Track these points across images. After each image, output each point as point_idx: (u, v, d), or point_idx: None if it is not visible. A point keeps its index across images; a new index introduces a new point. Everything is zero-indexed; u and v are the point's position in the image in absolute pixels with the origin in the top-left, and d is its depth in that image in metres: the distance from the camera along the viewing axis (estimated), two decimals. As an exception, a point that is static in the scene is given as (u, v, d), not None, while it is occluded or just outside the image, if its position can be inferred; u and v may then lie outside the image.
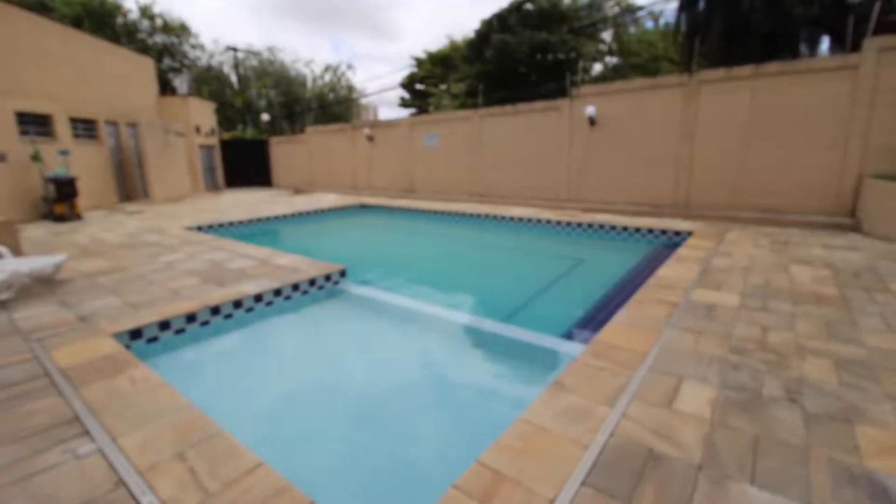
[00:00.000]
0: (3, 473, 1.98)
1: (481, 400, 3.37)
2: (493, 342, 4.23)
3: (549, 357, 3.89)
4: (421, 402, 3.37)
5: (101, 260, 5.98)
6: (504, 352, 4.11)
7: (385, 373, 3.81)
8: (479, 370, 3.87)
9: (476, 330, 4.49)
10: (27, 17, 10.54)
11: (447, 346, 4.33)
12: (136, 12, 25.52)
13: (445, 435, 2.93)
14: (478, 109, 12.68)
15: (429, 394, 3.49)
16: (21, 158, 9.79)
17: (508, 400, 3.36)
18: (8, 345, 3.31)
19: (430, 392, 3.51)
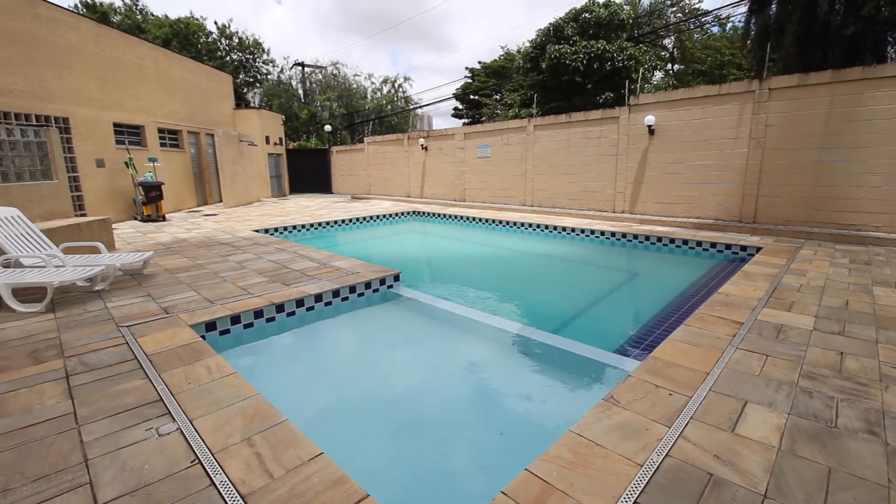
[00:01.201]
0: (98, 445, 2.24)
1: (528, 409, 3.36)
2: (543, 352, 4.19)
3: (599, 371, 3.80)
4: (467, 406, 3.41)
5: (181, 257, 6.55)
6: (553, 362, 4.06)
7: (434, 376, 3.89)
8: (527, 379, 3.85)
9: (525, 339, 4.47)
10: (127, 40, 11.83)
11: (496, 353, 4.35)
12: (216, 32, 27.79)
13: (491, 441, 2.95)
14: (531, 119, 12.63)
15: (475, 399, 3.52)
16: (117, 164, 10.96)
17: (556, 411, 3.32)
18: (104, 330, 3.73)
19: (476, 397, 3.54)
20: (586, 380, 3.80)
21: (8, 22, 8.54)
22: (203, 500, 1.86)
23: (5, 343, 3.49)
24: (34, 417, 2.47)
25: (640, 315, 5.40)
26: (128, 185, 11.22)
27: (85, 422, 2.42)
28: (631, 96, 10.61)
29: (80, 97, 10.07)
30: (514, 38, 58.50)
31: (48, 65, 9.33)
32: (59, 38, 9.62)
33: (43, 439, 2.27)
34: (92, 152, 10.31)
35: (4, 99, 8.39)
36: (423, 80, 64.26)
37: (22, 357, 3.24)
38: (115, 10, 26.26)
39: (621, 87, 14.91)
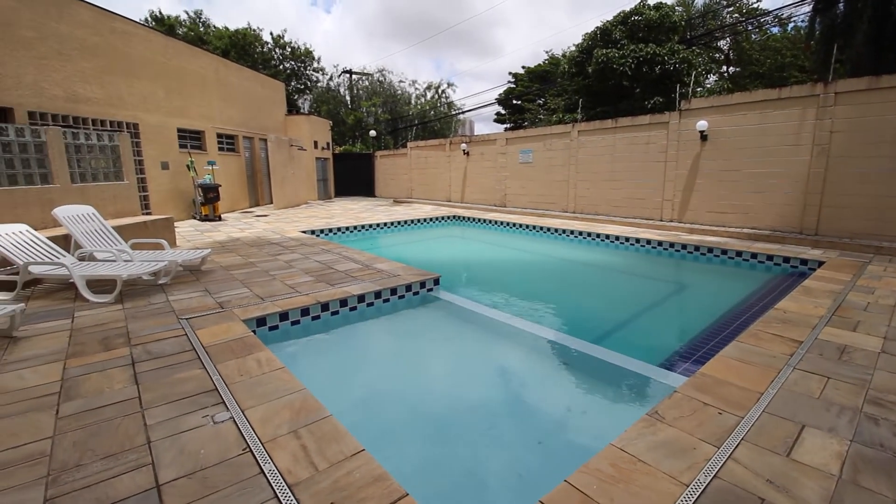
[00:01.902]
0: (160, 428, 2.41)
1: (567, 419, 3.30)
2: (584, 362, 4.12)
3: (642, 385, 3.70)
4: (505, 412, 3.40)
5: (235, 255, 6.92)
6: (594, 373, 3.98)
7: (472, 381, 3.91)
8: (567, 389, 3.79)
9: (565, 348, 4.41)
10: (191, 51, 12.66)
11: (535, 360, 4.31)
12: (271, 42, 29.17)
13: (529, 449, 2.93)
14: (575, 124, 12.43)
15: (513, 405, 3.50)
16: (179, 167, 11.73)
17: (595, 423, 3.25)
18: (166, 321, 4.00)
19: (514, 404, 3.53)
20: (628, 393, 3.70)
21: (89, 36, 9.35)
22: (253, 487, 1.96)
23: (80, 330, 3.82)
24: (104, 400, 2.69)
25: (687, 329, 5.19)
26: (188, 187, 11.98)
27: (148, 406, 2.61)
28: (682, 101, 10.23)
29: (148, 104, 10.86)
30: (559, 43, 57.85)
31: (121, 75, 10.14)
32: (132, 49, 10.43)
33: (111, 420, 2.48)
34: (158, 155, 11.09)
35: (84, 106, 9.19)
36: (465, 85, 64.69)
37: (94, 344, 3.53)
38: (181, 23, 28.14)
39: (672, 92, 14.40)
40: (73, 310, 4.34)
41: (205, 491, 1.93)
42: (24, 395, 2.75)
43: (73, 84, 8.94)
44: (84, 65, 9.18)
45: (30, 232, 4.99)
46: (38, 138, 5.87)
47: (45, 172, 5.98)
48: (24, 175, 5.75)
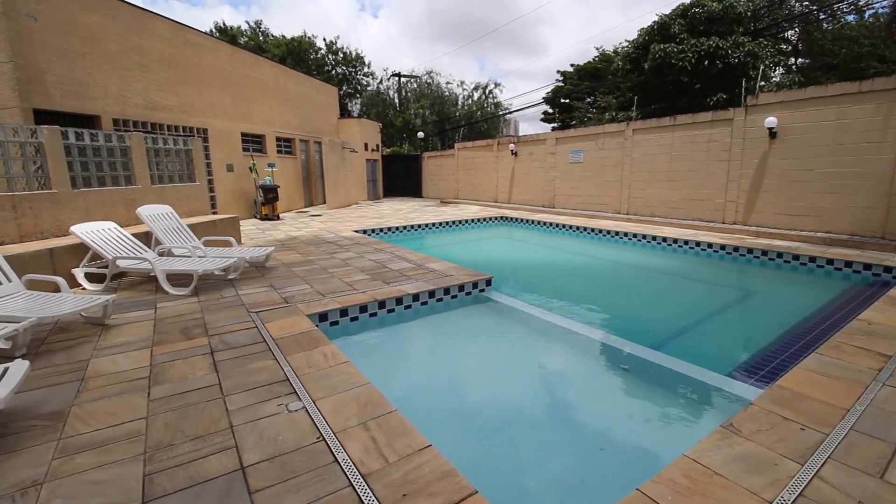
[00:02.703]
0: (240, 414, 2.58)
1: (629, 427, 3.21)
2: (644, 369, 3.99)
3: (708, 394, 3.53)
4: (563, 416, 3.35)
5: (294, 253, 7.25)
6: (656, 381, 3.85)
7: (527, 383, 3.88)
8: (628, 395, 3.68)
9: (624, 353, 4.28)
10: (254, 59, 13.37)
11: (591, 364, 4.22)
12: (325, 48, 30.23)
13: (590, 455, 2.88)
14: (630, 122, 12.02)
15: (571, 410, 3.45)
16: (242, 169, 12.43)
17: (660, 432, 3.14)
18: (237, 314, 4.26)
19: (572, 408, 3.47)
20: (694, 402, 3.55)
21: (165, 48, 10.10)
22: (329, 474, 2.06)
23: (163, 320, 4.15)
24: (189, 385, 2.90)
25: (756, 338, 4.90)
26: (250, 188, 12.66)
27: (228, 393, 2.80)
28: (748, 96, 9.65)
29: (216, 111, 11.58)
30: (610, 40, 56.01)
31: (193, 83, 10.87)
32: (202, 60, 11.16)
33: (196, 405, 2.67)
34: (224, 158, 11.81)
35: (160, 113, 9.93)
36: (510, 84, 64.17)
37: (176, 333, 3.82)
38: (242, 33, 29.76)
39: (735, 87, 13.61)
40: (155, 301, 4.71)
41: (285, 475, 2.05)
42: (119, 378, 3.02)
43: (151, 93, 9.69)
44: (161, 75, 9.93)
45: (117, 229, 5.46)
46: (123, 143, 6.42)
47: (129, 174, 6.53)
48: (110, 177, 6.31)
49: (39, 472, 2.09)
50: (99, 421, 2.50)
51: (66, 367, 3.19)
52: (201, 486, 1.98)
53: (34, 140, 5.34)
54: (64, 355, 3.39)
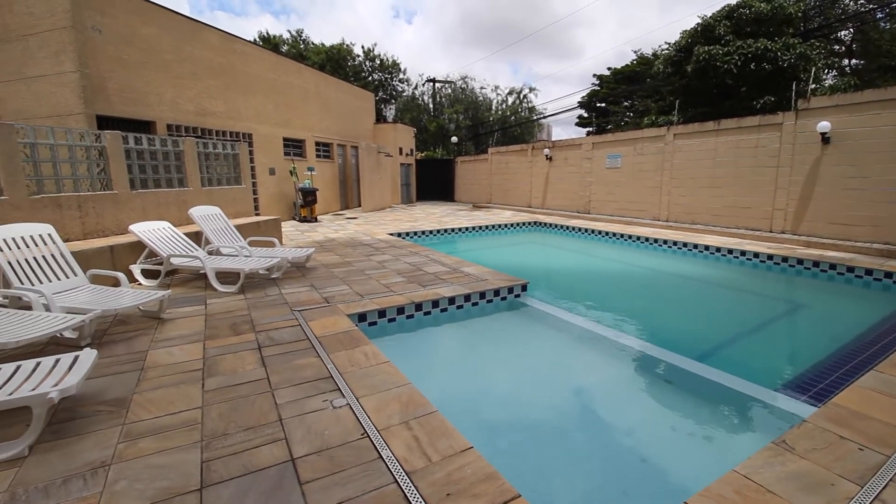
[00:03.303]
0: (289, 408, 2.68)
1: (672, 439, 3.13)
2: (686, 380, 3.87)
3: (758, 409, 3.40)
4: (601, 426, 3.30)
5: (332, 255, 7.45)
6: (699, 393, 3.73)
7: (564, 391, 3.85)
8: (670, 407, 3.59)
9: (664, 363, 4.17)
10: (296, 67, 13.85)
11: (631, 374, 4.13)
12: (362, 55, 30.92)
13: (631, 466, 2.82)
14: (671, 127, 11.71)
15: (610, 419, 3.39)
16: (283, 173, 12.87)
17: (705, 446, 3.04)
18: (281, 312, 4.42)
19: (611, 418, 3.41)
20: (741, 417, 3.42)
21: (215, 57, 10.61)
22: (374, 470, 2.11)
23: (213, 315, 4.35)
24: (239, 378, 3.04)
25: (807, 354, 4.67)
26: (290, 190, 13.10)
27: (276, 387, 2.91)
28: (799, 100, 9.23)
29: (260, 117, 12.06)
30: (646, 42, 54.71)
31: (240, 90, 11.36)
32: (249, 68, 11.65)
33: (247, 397, 2.79)
34: (266, 162, 12.26)
35: (209, 119, 10.43)
36: (543, 88, 63.78)
37: (225, 328, 4.00)
38: (284, 41, 30.84)
39: (784, 90, 13.02)
40: (205, 297, 4.95)
41: (333, 469, 2.12)
42: (175, 369, 3.20)
43: (201, 100, 10.19)
44: (210, 83, 10.43)
45: (171, 228, 5.77)
46: (177, 147, 6.79)
47: (182, 177, 6.89)
48: (165, 179, 6.68)
49: (107, 454, 2.25)
50: (159, 409, 2.65)
51: (127, 357, 3.40)
52: (255, 475, 2.07)
53: (98, 144, 5.73)
54: (124, 346, 3.61)
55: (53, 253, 4.27)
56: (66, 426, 2.50)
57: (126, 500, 1.91)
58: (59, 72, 7.67)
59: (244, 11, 60.72)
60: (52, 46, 7.65)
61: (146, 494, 1.95)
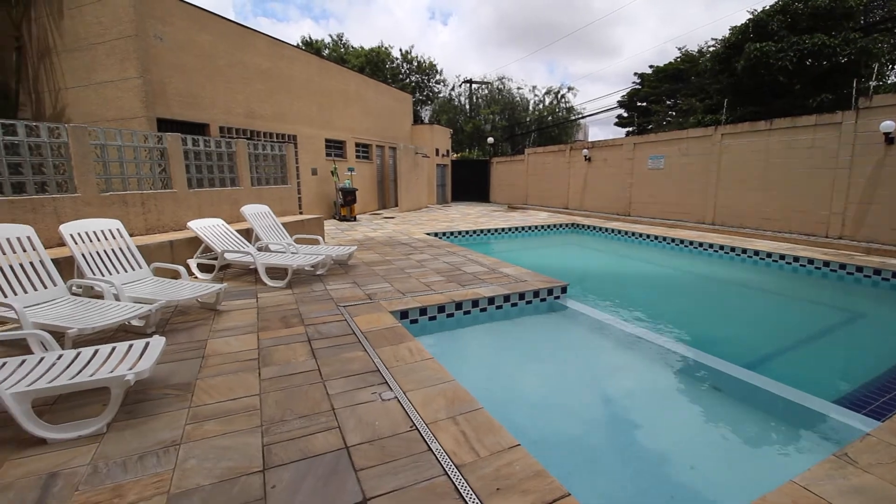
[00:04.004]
0: (340, 398, 2.79)
1: (721, 446, 3.05)
2: (737, 388, 3.75)
3: (812, 421, 3.26)
4: (646, 431, 3.24)
5: (372, 253, 7.62)
6: (750, 401, 3.61)
7: (607, 394, 3.80)
8: (718, 414, 3.49)
9: (712, 370, 4.05)
10: (339, 70, 14.24)
11: (677, 380, 4.04)
12: (400, 58, 31.35)
13: (679, 472, 2.77)
14: (718, 126, 11.27)
15: (655, 424, 3.33)
16: (324, 173, 13.25)
17: (759, 456, 2.95)
18: (327, 307, 4.58)
19: (656, 423, 3.35)
20: (795, 428, 3.29)
21: (263, 62, 11.06)
22: (424, 462, 2.18)
23: (264, 308, 4.56)
24: (292, 369, 3.19)
25: (869, 365, 4.41)
26: (331, 190, 13.48)
27: (327, 378, 3.03)
28: (860, 97, 8.70)
29: (304, 119, 12.47)
30: (689, 40, 52.65)
31: (286, 94, 11.79)
32: (294, 72, 12.08)
33: (301, 387, 2.93)
34: (309, 163, 12.68)
35: (258, 122, 10.89)
36: (580, 88, 62.59)
37: (276, 321, 4.19)
38: (325, 45, 31.70)
39: (843, 88, 12.29)
40: (256, 291, 5.19)
41: (385, 458, 2.20)
42: (233, 357, 3.39)
43: (251, 103, 10.65)
44: (259, 87, 10.89)
45: (224, 225, 6.08)
46: (230, 149, 7.14)
47: (234, 177, 7.24)
48: (218, 178, 7.03)
49: (176, 434, 2.42)
50: (220, 394, 2.82)
51: (188, 345, 3.63)
52: (312, 460, 2.18)
53: (160, 146, 6.11)
54: (186, 335, 3.85)
55: (121, 246, 4.60)
56: (138, 407, 2.70)
57: (196, 478, 2.06)
58: (124, 77, 8.22)
59: (286, 17, 62.95)
60: (119, 54, 8.21)
61: (214, 473, 2.09)
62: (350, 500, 1.92)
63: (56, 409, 2.68)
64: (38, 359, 2.74)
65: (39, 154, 4.91)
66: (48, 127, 4.94)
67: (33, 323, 3.28)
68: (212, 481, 2.03)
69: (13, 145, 4.65)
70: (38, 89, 9.29)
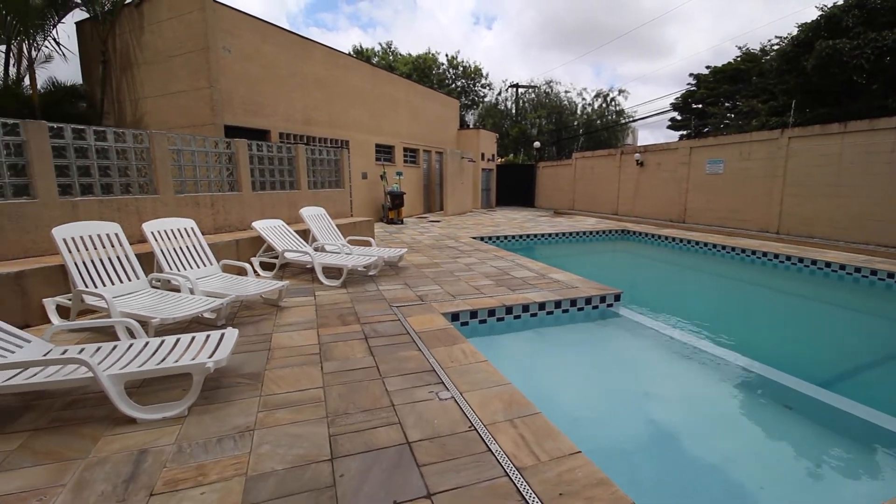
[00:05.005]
0: (399, 395, 2.86)
1: (795, 469, 2.87)
2: (807, 407, 3.52)
3: (893, 444, 3.00)
4: (706, 446, 3.11)
5: (421, 255, 7.75)
6: (824, 422, 3.38)
7: (666, 408, 3.67)
8: (791, 434, 3.28)
9: (780, 386, 3.82)
10: (390, 78, 14.61)
11: (741, 395, 3.84)
12: (446, 63, 31.70)
13: (749, 493, 2.63)
14: (785, 129, 10.61)
15: (717, 441, 3.18)
16: (373, 177, 13.62)
17: (832, 479, 2.75)
18: (381, 307, 4.71)
19: (721, 440, 3.20)
20: (874, 453, 3.04)
21: (320, 71, 11.53)
22: (484, 462, 2.20)
23: (322, 306, 4.75)
24: (352, 364, 3.31)
25: (966, 391, 4.02)
26: (379, 194, 13.83)
27: (385, 375, 3.12)
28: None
29: (356, 125, 12.89)
30: (751, 38, 49.79)
31: (340, 101, 12.24)
32: (349, 80, 12.51)
33: (361, 382, 3.03)
34: (360, 167, 13.06)
35: (314, 128, 11.36)
36: (629, 90, 60.64)
37: (333, 318, 4.35)
38: (375, 53, 32.58)
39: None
40: (313, 289, 5.42)
41: (445, 456, 2.24)
42: (297, 351, 3.55)
43: (308, 110, 11.14)
44: (316, 94, 11.36)
45: (284, 226, 6.39)
46: (290, 154, 7.50)
47: (293, 180, 7.60)
48: (279, 182, 7.40)
49: (250, 420, 2.57)
50: (288, 385, 2.98)
51: (256, 338, 3.84)
52: (377, 453, 2.26)
53: (229, 151, 6.51)
54: (252, 328, 4.08)
55: (195, 244, 4.94)
56: (214, 393, 2.89)
57: (270, 462, 2.19)
58: (196, 87, 8.83)
59: (335, 27, 65.36)
60: (191, 66, 8.83)
61: (286, 459, 2.21)
62: (414, 493, 1.98)
63: (142, 391, 2.91)
64: (127, 345, 3.01)
65: (125, 158, 5.37)
66: (133, 133, 5.40)
67: (121, 312, 3.60)
68: (284, 466, 2.15)
69: (103, 150, 5.11)
70: (120, 99, 10.16)
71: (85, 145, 4.93)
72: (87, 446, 2.32)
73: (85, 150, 4.95)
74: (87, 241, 4.07)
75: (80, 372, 2.58)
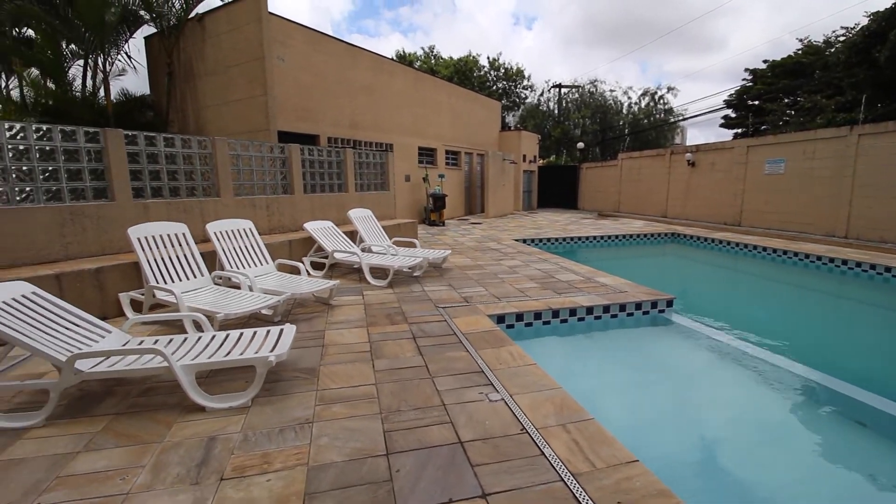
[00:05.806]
0: (449, 395, 2.89)
1: (869, 489, 2.67)
2: (884, 423, 3.26)
3: None
4: (770, 461, 2.94)
5: (464, 257, 7.78)
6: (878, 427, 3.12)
7: (724, 416, 3.51)
8: (862, 451, 3.05)
9: (852, 401, 3.55)
10: (433, 82, 14.80)
11: (808, 409, 3.61)
12: (487, 66, 31.65)
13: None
14: (854, 126, 9.86)
15: (782, 456, 3.00)
16: (416, 179, 13.81)
17: (877, 480, 2.54)
18: (427, 307, 4.77)
19: (783, 455, 3.02)
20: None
21: (366, 77, 11.83)
22: (538, 465, 2.19)
23: (370, 305, 4.87)
24: (402, 363, 3.37)
25: None
26: (422, 196, 14.00)
27: (435, 375, 3.17)
28: None
29: (400, 128, 13.13)
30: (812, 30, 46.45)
31: (384, 105, 12.50)
32: (393, 85, 12.77)
33: (411, 380, 3.09)
34: (403, 169, 13.29)
35: (360, 132, 11.67)
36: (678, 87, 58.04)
37: (381, 317, 4.46)
38: (417, 58, 33.02)
39: None
40: (361, 289, 5.57)
41: (498, 457, 2.25)
42: (349, 348, 3.67)
43: (355, 115, 11.46)
44: (362, 99, 11.67)
45: (333, 227, 6.61)
46: (338, 157, 7.74)
47: (341, 183, 7.85)
48: (328, 185, 7.66)
49: (308, 413, 2.68)
50: (342, 381, 3.08)
51: (310, 334, 4.00)
52: (430, 450, 2.30)
53: (283, 155, 6.81)
54: (306, 325, 4.24)
55: (253, 244, 5.20)
56: (274, 386, 3.03)
57: (329, 454, 2.27)
58: (252, 95, 9.29)
59: (377, 33, 66.86)
60: (248, 75, 9.30)
61: (344, 451, 2.29)
62: (469, 492, 2.00)
63: (208, 382, 3.10)
64: (196, 337, 3.21)
65: (190, 163, 5.73)
66: (198, 140, 5.75)
67: (188, 307, 3.84)
68: (343, 459, 2.23)
69: (171, 155, 5.48)
70: (183, 108, 10.84)
71: (155, 151, 5.30)
72: (162, 431, 2.50)
73: (155, 156, 5.33)
74: (158, 241, 4.38)
75: (156, 361, 2.78)
